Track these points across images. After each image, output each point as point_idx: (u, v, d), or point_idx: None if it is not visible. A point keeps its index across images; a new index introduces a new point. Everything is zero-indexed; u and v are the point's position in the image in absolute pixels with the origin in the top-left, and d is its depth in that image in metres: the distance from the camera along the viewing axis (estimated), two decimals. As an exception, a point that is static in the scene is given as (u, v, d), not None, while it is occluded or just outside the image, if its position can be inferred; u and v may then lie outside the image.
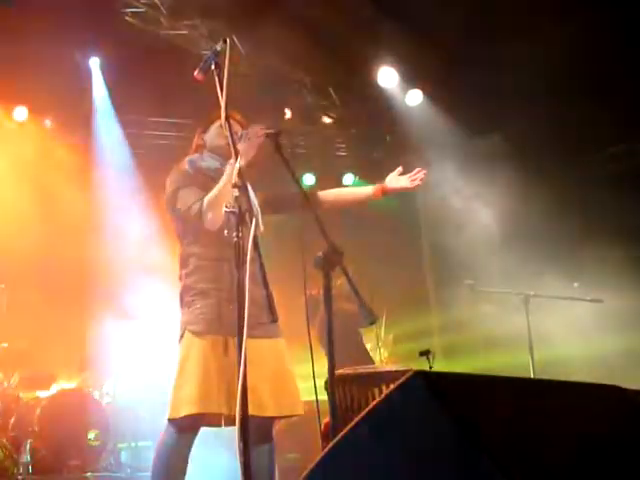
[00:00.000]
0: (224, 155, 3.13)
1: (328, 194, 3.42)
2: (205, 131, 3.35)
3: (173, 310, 3.29)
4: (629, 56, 6.60)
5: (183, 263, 3.21)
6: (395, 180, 3.29)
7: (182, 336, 3.09)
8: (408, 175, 3.28)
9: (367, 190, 3.35)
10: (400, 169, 3.30)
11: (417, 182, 3.25)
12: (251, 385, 2.64)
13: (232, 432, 2.48)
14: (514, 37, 6.57)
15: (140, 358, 6.40)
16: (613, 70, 6.59)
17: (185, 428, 3.03)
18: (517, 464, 1.27)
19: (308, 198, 2.89)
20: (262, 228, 3.18)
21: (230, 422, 3.08)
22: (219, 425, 3.08)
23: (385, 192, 3.30)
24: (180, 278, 3.22)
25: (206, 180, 3.14)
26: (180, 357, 3.07)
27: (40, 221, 7.13)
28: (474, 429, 1.28)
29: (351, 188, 3.45)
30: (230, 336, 2.81)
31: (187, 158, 3.27)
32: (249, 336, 2.90)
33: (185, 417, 2.95)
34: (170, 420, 3.01)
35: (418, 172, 3.26)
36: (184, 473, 3.05)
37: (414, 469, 1.29)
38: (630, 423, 1.65)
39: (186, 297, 3.15)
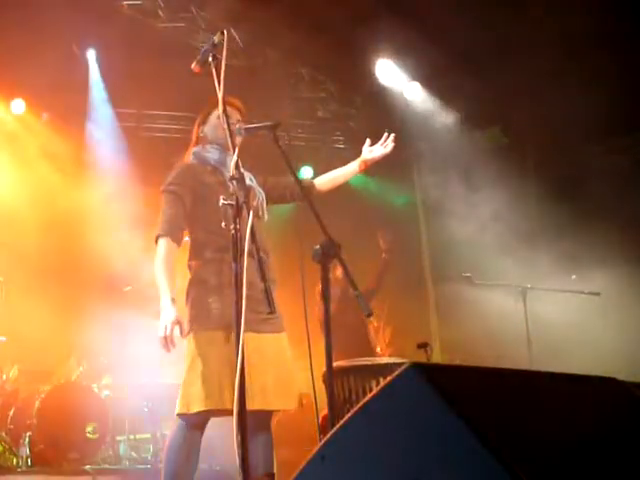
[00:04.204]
0: (225, 146, 3.16)
1: (324, 181, 3.60)
2: (204, 122, 3.36)
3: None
4: (630, 47, 6.59)
5: (196, 254, 3.19)
6: (370, 152, 3.54)
7: (190, 330, 3.08)
8: (379, 143, 3.53)
9: (353, 167, 3.59)
10: (369, 141, 3.56)
11: (390, 145, 3.52)
12: (257, 380, 2.65)
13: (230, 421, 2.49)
14: (514, 28, 6.56)
15: (139, 351, 6.40)
16: (615, 62, 6.58)
17: (196, 424, 3.04)
18: (513, 454, 1.28)
19: (305, 191, 3.00)
20: (266, 216, 3.22)
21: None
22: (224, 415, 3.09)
23: (366, 165, 3.56)
24: (190, 268, 3.21)
25: (207, 170, 3.22)
26: (190, 352, 3.06)
27: (38, 214, 7.13)
28: (471, 420, 1.28)
29: (339, 169, 3.63)
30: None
31: (192, 149, 3.32)
32: (254, 331, 2.94)
33: (196, 413, 2.96)
34: (180, 415, 3.03)
35: (387, 138, 3.53)
36: (195, 466, 3.06)
37: (411, 460, 1.30)
38: (628, 415, 1.66)
39: (196, 290, 3.14)
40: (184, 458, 3.04)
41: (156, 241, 3.13)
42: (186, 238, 3.28)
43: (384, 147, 3.53)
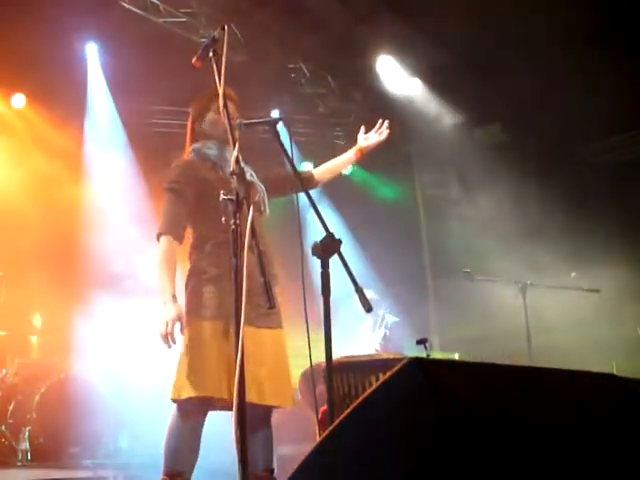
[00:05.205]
0: (224, 141, 3.17)
1: (322, 171, 3.65)
2: (201, 119, 3.36)
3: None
4: (632, 46, 6.59)
5: (197, 246, 3.22)
6: (365, 139, 3.58)
7: (188, 318, 3.10)
8: (374, 131, 3.57)
9: (350, 155, 3.62)
10: (363, 128, 3.60)
11: (385, 133, 3.56)
12: (252, 373, 2.66)
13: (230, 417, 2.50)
14: (513, 26, 6.55)
15: (139, 344, 6.41)
16: (616, 60, 6.57)
17: (189, 411, 3.06)
18: (512, 450, 1.28)
19: (305, 182, 3.14)
20: (268, 211, 3.25)
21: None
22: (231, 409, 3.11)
23: (363, 153, 3.59)
24: (190, 260, 3.25)
25: (207, 166, 3.24)
26: (186, 339, 3.09)
27: (37, 209, 7.12)
28: (470, 415, 1.28)
29: (337, 159, 3.68)
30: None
31: (192, 147, 3.34)
32: (252, 325, 2.95)
33: (187, 400, 2.98)
34: (173, 401, 3.07)
35: (381, 125, 3.57)
36: (196, 454, 3.07)
37: (411, 455, 1.30)
38: (627, 412, 1.66)
39: (194, 280, 3.17)
40: (182, 444, 3.05)
41: (158, 239, 3.15)
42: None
43: (379, 135, 3.56)
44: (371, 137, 3.58)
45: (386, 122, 3.56)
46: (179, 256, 3.21)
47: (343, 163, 3.66)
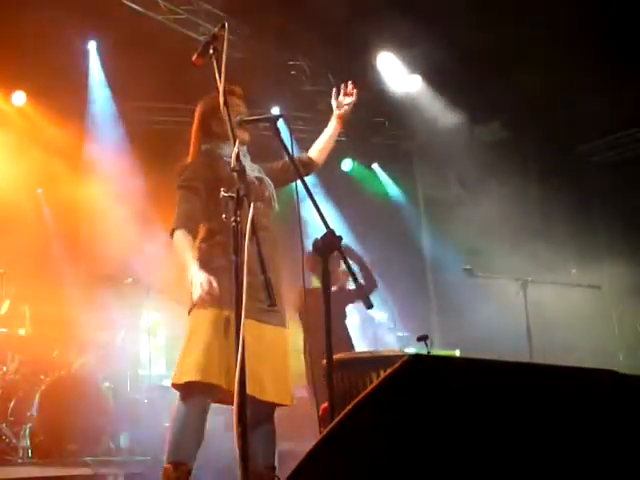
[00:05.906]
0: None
1: (319, 151, 3.77)
2: (210, 120, 3.38)
3: (174, 291, 3.33)
4: (630, 41, 6.58)
5: (207, 237, 3.28)
6: (339, 105, 3.69)
7: (193, 306, 3.14)
8: (342, 95, 3.69)
9: (334, 127, 3.75)
10: (334, 93, 3.72)
11: (353, 92, 3.68)
12: (251, 367, 2.67)
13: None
14: (514, 24, 6.55)
15: (140, 342, 6.42)
16: (617, 59, 6.56)
17: (191, 397, 3.08)
18: (513, 447, 1.28)
19: (307, 168, 3.48)
20: (277, 206, 3.30)
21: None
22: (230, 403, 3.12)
23: (343, 119, 3.71)
24: (199, 249, 3.29)
25: (219, 165, 3.26)
26: (190, 327, 3.15)
27: (38, 206, 7.12)
28: (471, 412, 1.28)
29: (324, 135, 3.80)
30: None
31: (203, 147, 3.39)
32: (257, 320, 2.98)
33: (187, 384, 3.03)
34: (174, 386, 3.11)
35: (346, 87, 3.69)
36: (199, 442, 3.08)
37: (412, 452, 1.30)
38: (629, 409, 1.66)
39: (201, 268, 3.19)
40: (186, 432, 3.08)
41: (171, 235, 3.20)
42: None
43: (349, 96, 3.66)
44: (344, 101, 3.68)
45: (349, 83, 3.66)
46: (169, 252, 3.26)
47: (332, 136, 3.75)
